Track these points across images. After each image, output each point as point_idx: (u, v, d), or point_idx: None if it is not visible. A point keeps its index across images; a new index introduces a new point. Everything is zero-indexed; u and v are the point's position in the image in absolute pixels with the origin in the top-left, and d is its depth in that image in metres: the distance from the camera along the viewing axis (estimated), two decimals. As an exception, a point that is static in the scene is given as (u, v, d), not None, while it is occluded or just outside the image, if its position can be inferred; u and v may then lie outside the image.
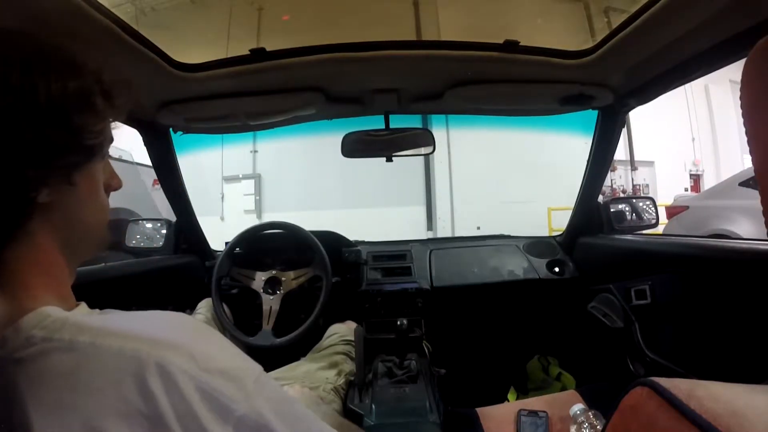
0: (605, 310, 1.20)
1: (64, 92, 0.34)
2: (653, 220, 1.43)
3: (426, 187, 7.70)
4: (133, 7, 2.87)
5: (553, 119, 1.42)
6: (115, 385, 0.29)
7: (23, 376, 0.30)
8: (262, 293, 1.21)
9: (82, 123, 0.36)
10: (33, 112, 0.33)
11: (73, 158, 0.36)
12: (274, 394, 0.35)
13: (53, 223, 0.37)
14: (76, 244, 0.40)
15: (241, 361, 0.36)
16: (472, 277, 1.45)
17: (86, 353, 0.30)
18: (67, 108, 0.35)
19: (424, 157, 6.73)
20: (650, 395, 0.28)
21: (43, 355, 0.31)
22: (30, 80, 0.33)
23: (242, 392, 0.32)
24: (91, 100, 0.37)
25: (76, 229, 0.39)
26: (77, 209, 0.39)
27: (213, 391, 0.31)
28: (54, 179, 0.35)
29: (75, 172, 0.37)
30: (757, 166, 0.31)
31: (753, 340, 0.76)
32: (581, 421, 0.87)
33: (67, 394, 0.29)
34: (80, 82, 0.36)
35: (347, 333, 1.26)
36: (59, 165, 0.35)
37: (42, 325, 0.32)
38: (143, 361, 0.30)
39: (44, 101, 0.33)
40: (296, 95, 1.05)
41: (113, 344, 0.31)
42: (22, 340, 0.31)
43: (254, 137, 7.76)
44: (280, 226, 1.28)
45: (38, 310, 0.33)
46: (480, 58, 0.94)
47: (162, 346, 0.31)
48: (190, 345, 0.33)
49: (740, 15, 0.67)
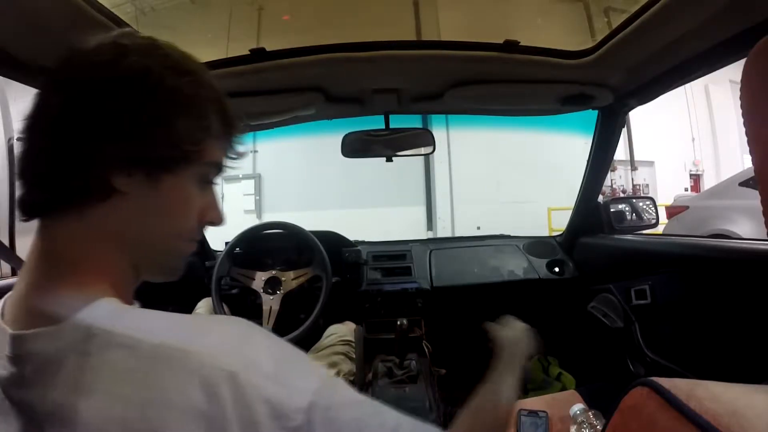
0: (605, 310, 1.20)
1: (175, 87, 0.35)
2: (653, 220, 1.43)
3: (426, 187, 7.71)
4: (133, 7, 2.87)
5: (553, 119, 1.42)
6: (181, 387, 0.29)
7: (80, 367, 0.30)
8: (262, 293, 1.21)
9: (184, 126, 0.36)
10: (139, 90, 0.34)
11: (162, 152, 0.35)
12: (341, 400, 0.33)
13: (125, 219, 0.36)
14: (143, 255, 0.39)
15: (307, 368, 0.35)
16: (472, 277, 1.45)
17: (152, 353, 0.30)
18: (174, 103, 0.35)
19: (424, 157, 6.73)
20: (650, 395, 0.28)
21: (103, 349, 0.30)
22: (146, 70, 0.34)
23: (308, 401, 0.31)
24: (202, 111, 0.38)
25: (145, 237, 0.38)
26: (153, 217, 0.38)
27: (279, 400, 0.30)
28: (137, 168, 0.35)
29: (161, 172, 0.36)
30: (757, 166, 0.31)
31: (753, 340, 0.76)
32: (581, 421, 0.87)
33: (126, 386, 0.29)
34: (197, 90, 0.37)
35: (346, 333, 1.26)
36: (146, 154, 0.35)
37: (104, 317, 0.31)
38: (213, 368, 0.29)
39: (153, 84, 0.34)
40: (296, 95, 1.05)
41: (181, 347, 0.30)
42: (83, 331, 0.30)
43: (254, 137, 7.74)
44: (280, 226, 1.28)
45: (100, 300, 0.32)
46: (480, 58, 0.94)
47: (230, 355, 0.31)
48: (257, 353, 0.32)
49: (740, 15, 0.67)
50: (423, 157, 6.68)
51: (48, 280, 0.34)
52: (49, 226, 0.35)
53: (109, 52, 0.35)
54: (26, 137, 0.35)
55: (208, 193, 0.42)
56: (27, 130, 0.35)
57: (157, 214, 0.38)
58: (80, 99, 0.33)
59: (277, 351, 0.34)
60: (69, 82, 0.34)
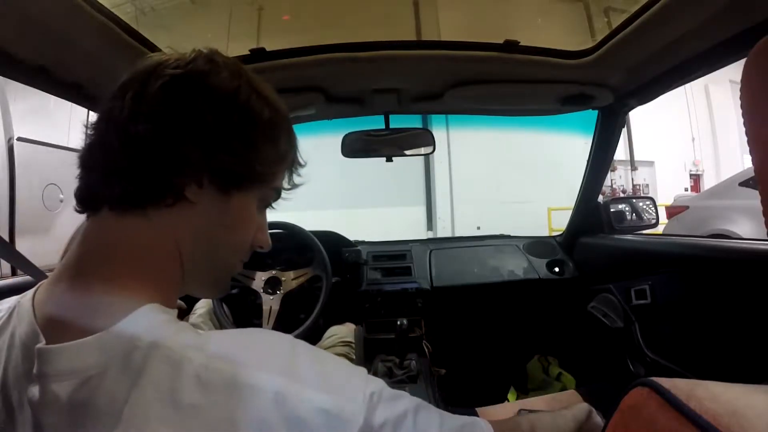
0: (605, 310, 1.20)
1: (260, 111, 0.37)
2: (653, 220, 1.43)
3: (426, 187, 7.70)
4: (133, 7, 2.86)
5: (553, 119, 1.42)
6: (229, 413, 0.27)
7: (121, 383, 0.28)
8: (262, 293, 1.21)
9: (262, 149, 0.38)
10: (229, 107, 0.36)
11: (239, 169, 0.37)
12: (393, 409, 0.33)
13: (186, 228, 0.36)
14: (198, 268, 0.39)
15: (346, 370, 0.35)
16: (472, 277, 1.45)
17: (197, 373, 0.28)
18: (258, 125, 0.37)
19: (424, 157, 6.73)
20: (650, 395, 0.28)
21: (146, 362, 0.28)
22: (237, 90, 0.36)
23: (357, 402, 0.31)
24: (279, 138, 0.40)
25: (203, 251, 0.38)
26: (214, 230, 0.38)
27: (332, 408, 0.29)
28: (210, 181, 0.36)
29: (233, 188, 0.37)
30: (757, 166, 0.31)
31: (753, 340, 0.76)
32: (581, 421, 0.87)
33: (166, 409, 0.27)
34: (277, 118, 0.39)
35: (346, 334, 1.26)
36: (225, 167, 0.36)
37: (149, 328, 0.30)
38: (258, 389, 0.28)
39: (242, 104, 0.36)
40: (296, 95, 1.05)
41: (225, 368, 0.29)
42: (126, 342, 0.29)
43: (254, 137, 7.75)
44: (280, 226, 1.28)
45: (144, 308, 0.31)
46: (480, 58, 0.94)
47: (279, 374, 0.30)
48: (304, 368, 0.31)
49: (740, 15, 0.67)
50: (423, 157, 6.68)
51: (91, 279, 0.33)
52: (105, 222, 0.35)
53: (203, 65, 0.36)
54: (102, 131, 0.36)
55: (263, 217, 0.44)
56: (104, 124, 0.36)
57: (219, 227, 0.38)
58: (171, 103, 0.34)
59: (318, 359, 0.34)
60: (157, 88, 0.35)
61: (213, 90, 0.35)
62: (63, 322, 0.31)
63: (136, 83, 0.36)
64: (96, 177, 0.36)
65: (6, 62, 0.64)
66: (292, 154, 0.43)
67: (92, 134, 0.36)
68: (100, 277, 0.33)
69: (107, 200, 0.35)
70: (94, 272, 0.33)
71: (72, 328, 0.30)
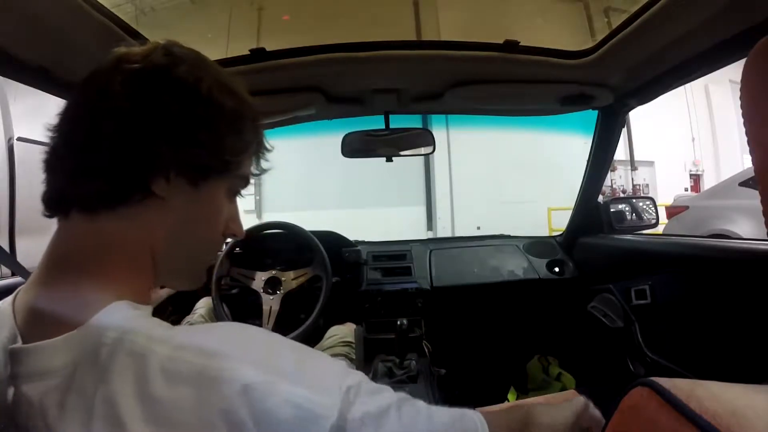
0: (605, 310, 1.20)
1: (222, 100, 0.37)
2: (653, 220, 1.43)
3: (426, 187, 7.70)
4: (133, 7, 2.86)
5: (553, 119, 1.42)
6: (196, 404, 0.27)
7: (88, 380, 0.28)
8: (262, 293, 1.21)
9: (228, 139, 0.37)
10: (191, 99, 0.35)
11: (205, 161, 0.37)
12: (373, 403, 0.32)
13: (157, 224, 0.36)
14: (172, 262, 0.39)
15: (325, 363, 0.34)
16: (472, 277, 1.45)
17: (163, 365, 0.28)
18: (221, 115, 0.37)
19: (424, 157, 6.73)
20: (650, 395, 0.28)
21: (112, 357, 0.28)
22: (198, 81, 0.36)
23: (332, 397, 0.30)
24: (242, 127, 0.39)
25: (176, 245, 0.38)
26: (186, 224, 0.38)
27: (303, 401, 0.29)
28: (178, 175, 0.36)
29: (200, 180, 0.37)
30: (757, 166, 0.31)
31: (753, 340, 0.76)
32: (581, 421, 0.87)
33: (134, 403, 0.27)
34: (240, 106, 0.39)
35: (347, 335, 1.26)
36: (191, 160, 0.36)
37: (115, 324, 0.30)
38: (226, 381, 0.28)
39: (204, 95, 0.36)
40: (296, 95, 1.05)
41: (193, 360, 0.29)
42: (93, 339, 0.29)
43: (254, 137, 7.75)
44: (280, 226, 1.28)
45: (113, 305, 0.31)
46: (480, 58, 0.94)
47: (249, 365, 0.29)
48: (277, 360, 0.31)
49: (740, 15, 0.67)
50: (423, 157, 6.68)
51: (65, 280, 0.33)
52: (75, 224, 0.35)
53: (162, 58, 0.36)
54: (65, 131, 0.35)
55: (233, 205, 0.44)
56: (67, 124, 0.35)
57: (189, 220, 0.38)
58: (133, 99, 0.34)
59: (293, 351, 0.34)
60: (119, 84, 0.34)
61: (174, 83, 0.35)
62: (39, 323, 0.32)
63: (98, 81, 0.35)
64: (62, 179, 0.35)
65: (6, 62, 0.64)
66: (258, 141, 0.43)
67: (56, 136, 0.36)
68: (72, 277, 0.33)
69: (76, 202, 0.35)
70: (67, 273, 0.34)
71: (47, 329, 0.30)
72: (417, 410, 0.35)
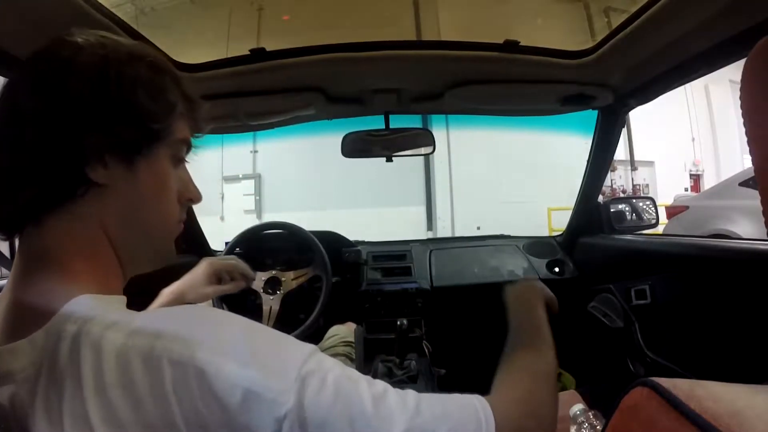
0: (605, 310, 1.20)
1: (133, 72, 0.36)
2: (653, 220, 1.43)
3: (426, 187, 7.71)
4: (133, 7, 2.86)
5: (553, 119, 1.42)
6: (150, 389, 0.27)
7: (53, 378, 0.28)
8: (262, 293, 1.21)
9: (147, 106, 0.36)
10: (99, 81, 0.34)
11: (130, 135, 0.36)
12: (322, 379, 0.30)
13: (107, 211, 0.36)
14: (133, 244, 0.39)
15: (285, 347, 0.32)
16: (472, 277, 1.45)
17: (115, 353, 0.28)
18: (134, 86, 0.36)
19: (424, 157, 6.72)
20: (650, 395, 0.28)
21: (72, 351, 0.29)
22: (104, 60, 0.35)
23: (287, 383, 0.29)
24: (162, 91, 0.38)
25: (132, 226, 0.38)
26: (135, 203, 0.38)
27: (253, 386, 0.28)
28: (112, 157, 0.35)
29: (134, 156, 0.37)
30: (757, 166, 0.31)
31: (753, 340, 0.76)
32: (581, 421, 0.87)
33: (95, 394, 0.27)
34: (154, 72, 0.38)
35: (348, 334, 1.26)
36: (116, 140, 0.35)
37: (74, 318, 0.30)
38: (177, 363, 0.28)
39: (113, 73, 0.35)
40: (296, 95, 1.05)
41: (144, 344, 0.29)
42: (54, 336, 0.29)
43: (254, 137, 7.75)
44: (280, 226, 1.28)
45: (74, 300, 0.31)
46: (480, 58, 0.94)
47: (201, 347, 0.29)
48: (231, 342, 0.30)
49: (740, 15, 0.67)
50: (423, 157, 6.67)
51: (32, 284, 0.34)
52: (31, 232, 0.35)
53: (64, 50, 0.35)
54: None
55: (183, 171, 0.43)
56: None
57: (137, 199, 0.38)
58: (45, 98, 0.33)
59: (251, 332, 0.32)
60: (30, 85, 0.34)
61: (78, 72, 0.34)
62: (13, 328, 0.32)
63: (10, 92, 0.35)
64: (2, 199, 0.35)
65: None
66: (186, 102, 0.41)
67: None
68: (38, 280, 0.34)
69: (24, 216, 0.35)
70: (33, 277, 0.34)
71: (20, 332, 0.31)
72: (403, 402, 0.33)
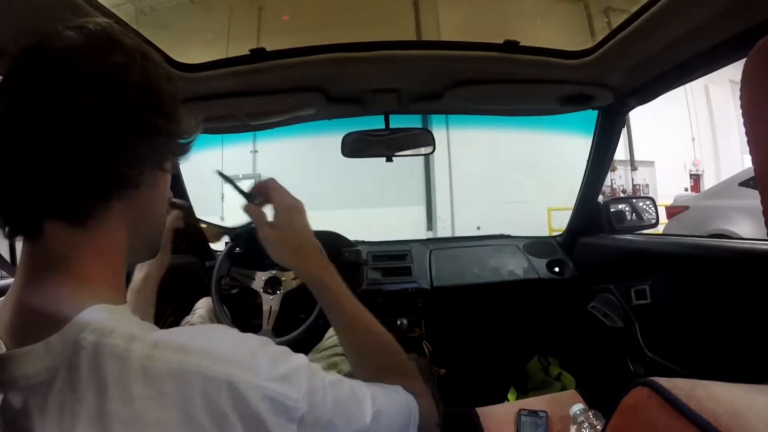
0: (605, 310, 1.20)
1: (175, 91, 0.39)
2: (653, 220, 1.43)
3: (426, 187, 7.71)
4: (133, 7, 2.86)
5: (553, 119, 1.42)
6: (179, 402, 0.28)
7: (71, 384, 0.28)
8: (262, 293, 1.20)
9: (186, 120, 0.39)
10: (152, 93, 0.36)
11: (171, 145, 0.39)
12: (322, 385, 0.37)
13: (128, 214, 0.37)
14: (140, 243, 0.40)
15: (292, 360, 0.36)
16: (472, 277, 1.45)
17: (143, 364, 0.29)
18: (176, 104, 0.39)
19: (424, 157, 6.73)
20: (650, 395, 0.28)
21: (94, 361, 0.29)
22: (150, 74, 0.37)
23: (301, 391, 0.34)
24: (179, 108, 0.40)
25: (144, 228, 0.40)
26: (151, 206, 0.40)
27: (278, 396, 0.32)
28: (152, 163, 0.37)
29: (166, 163, 0.39)
30: (757, 166, 0.31)
31: (753, 340, 0.76)
32: (581, 421, 0.87)
33: (118, 405, 0.28)
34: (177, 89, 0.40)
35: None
36: (161, 148, 0.37)
37: (92, 327, 0.30)
38: (209, 378, 0.29)
39: (168, 91, 0.38)
40: (296, 95, 1.05)
41: (173, 358, 0.30)
42: (71, 343, 0.29)
43: (254, 137, 7.75)
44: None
45: (90, 308, 0.31)
46: (480, 58, 0.94)
47: (225, 363, 0.31)
48: (249, 356, 0.33)
49: (740, 15, 0.67)
50: (423, 157, 6.68)
51: (43, 286, 0.33)
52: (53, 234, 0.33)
53: (116, 55, 0.36)
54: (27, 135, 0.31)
55: None
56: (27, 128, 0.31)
57: (151, 204, 0.40)
58: (103, 97, 0.33)
59: (268, 349, 0.35)
60: (86, 81, 0.33)
61: (131, 83, 0.35)
62: (20, 330, 0.32)
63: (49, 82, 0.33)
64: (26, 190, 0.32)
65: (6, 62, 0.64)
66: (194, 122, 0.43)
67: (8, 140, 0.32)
68: (51, 283, 0.33)
69: (55, 213, 0.33)
70: (46, 279, 0.33)
71: (29, 335, 0.30)
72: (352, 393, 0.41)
